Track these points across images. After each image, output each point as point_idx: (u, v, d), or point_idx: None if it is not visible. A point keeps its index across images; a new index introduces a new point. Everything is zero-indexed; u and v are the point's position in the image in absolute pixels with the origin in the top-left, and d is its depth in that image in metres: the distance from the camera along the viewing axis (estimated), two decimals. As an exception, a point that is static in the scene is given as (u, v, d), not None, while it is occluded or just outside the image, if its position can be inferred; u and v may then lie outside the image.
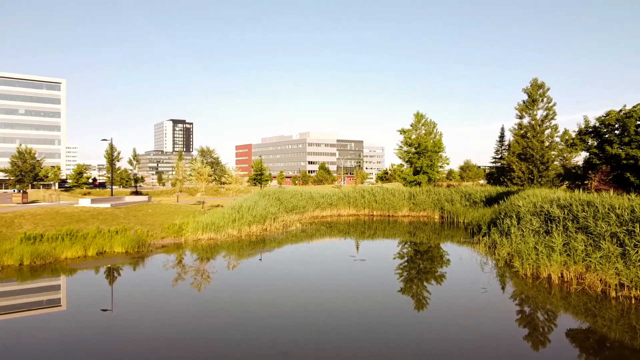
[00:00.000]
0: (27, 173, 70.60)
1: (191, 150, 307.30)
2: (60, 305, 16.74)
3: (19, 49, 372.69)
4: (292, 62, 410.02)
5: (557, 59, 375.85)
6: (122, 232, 26.88)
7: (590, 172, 34.02)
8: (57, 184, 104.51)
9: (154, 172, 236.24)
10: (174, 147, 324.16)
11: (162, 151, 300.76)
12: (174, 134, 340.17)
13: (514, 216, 25.57)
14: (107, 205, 32.72)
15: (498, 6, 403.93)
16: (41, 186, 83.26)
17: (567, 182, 38.91)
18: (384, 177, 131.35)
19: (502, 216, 28.30)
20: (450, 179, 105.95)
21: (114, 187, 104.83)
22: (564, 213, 21.85)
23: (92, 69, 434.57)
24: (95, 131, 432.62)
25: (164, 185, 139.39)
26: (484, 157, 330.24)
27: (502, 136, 67.12)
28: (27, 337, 12.82)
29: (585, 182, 33.82)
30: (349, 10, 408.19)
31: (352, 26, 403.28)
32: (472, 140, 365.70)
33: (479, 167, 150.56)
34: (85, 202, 33.35)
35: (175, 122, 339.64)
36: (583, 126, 34.12)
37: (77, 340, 12.65)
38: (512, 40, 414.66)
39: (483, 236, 28.46)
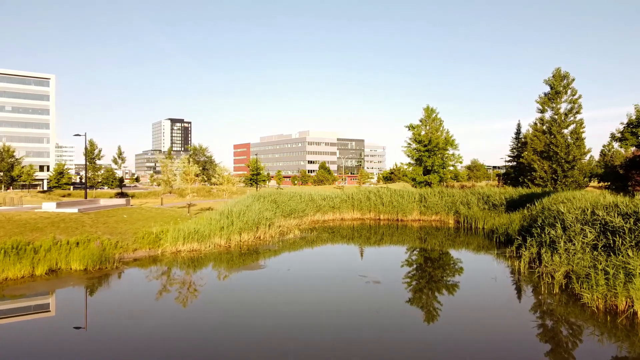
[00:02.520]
0: (5, 173, 65.60)
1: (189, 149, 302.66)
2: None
3: (18, 48, 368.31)
4: (291, 61, 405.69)
5: (558, 57, 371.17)
6: (84, 244, 22.27)
7: (633, 171, 29.38)
8: (45, 184, 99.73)
9: (151, 172, 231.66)
10: (172, 146, 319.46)
11: (159, 150, 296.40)
12: (172, 133, 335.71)
13: (559, 225, 21.01)
14: (74, 210, 28.13)
15: (499, 5, 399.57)
16: (10, 187, 77.40)
17: (604, 183, 34.16)
18: (389, 177, 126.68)
19: (540, 224, 23.72)
20: (458, 180, 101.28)
21: (103, 188, 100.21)
22: (631, 223, 17.40)
23: (91, 68, 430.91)
24: (94, 130, 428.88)
25: (159, 185, 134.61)
26: (488, 157, 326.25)
27: (518, 133, 62.22)
28: None
29: (629, 183, 29.18)
30: (349, 10, 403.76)
31: (352, 26, 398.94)
32: (473, 140, 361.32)
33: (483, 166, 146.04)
34: (49, 206, 28.75)
35: (174, 121, 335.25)
36: (634, 117, 29.19)
37: None
38: (510, 40, 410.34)
39: (518, 248, 23.87)
